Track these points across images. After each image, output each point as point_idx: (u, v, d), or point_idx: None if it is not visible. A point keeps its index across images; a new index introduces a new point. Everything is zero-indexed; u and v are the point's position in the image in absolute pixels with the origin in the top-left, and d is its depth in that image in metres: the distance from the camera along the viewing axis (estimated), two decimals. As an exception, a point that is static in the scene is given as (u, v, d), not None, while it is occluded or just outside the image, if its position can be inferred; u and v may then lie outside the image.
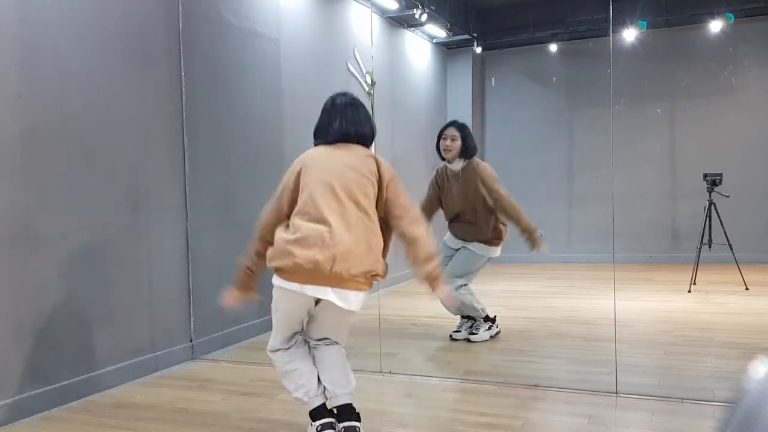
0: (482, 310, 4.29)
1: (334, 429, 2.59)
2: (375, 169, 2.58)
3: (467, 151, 4.24)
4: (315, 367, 2.66)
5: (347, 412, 2.60)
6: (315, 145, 2.70)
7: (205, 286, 4.25)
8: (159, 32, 3.94)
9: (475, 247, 4.27)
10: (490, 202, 4.18)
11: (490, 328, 4.34)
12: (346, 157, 2.58)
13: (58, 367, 3.25)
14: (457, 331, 4.36)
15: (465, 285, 4.24)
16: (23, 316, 3.09)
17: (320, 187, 2.50)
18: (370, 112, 2.66)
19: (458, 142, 4.21)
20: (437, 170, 4.44)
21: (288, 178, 2.61)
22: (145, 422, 3.00)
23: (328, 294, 2.45)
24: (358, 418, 2.61)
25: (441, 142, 4.26)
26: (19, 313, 3.07)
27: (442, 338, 4.42)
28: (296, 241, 2.44)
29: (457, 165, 4.26)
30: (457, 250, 4.35)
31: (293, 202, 2.56)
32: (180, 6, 4.08)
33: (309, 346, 2.71)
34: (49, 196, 3.23)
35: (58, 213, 3.27)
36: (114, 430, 2.92)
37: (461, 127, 4.27)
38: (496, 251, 4.30)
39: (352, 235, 2.44)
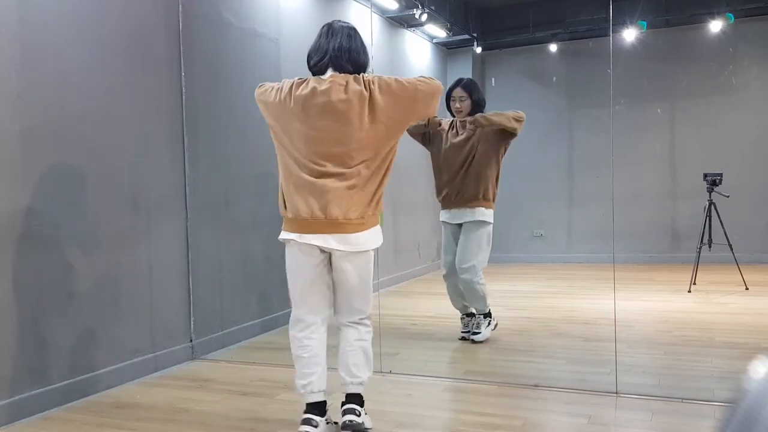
0: (488, 304, 4.29)
1: (312, 425, 2.59)
2: (364, 97, 2.51)
3: (477, 107, 4.25)
4: (324, 361, 2.66)
5: (352, 400, 2.64)
6: (311, 70, 2.69)
7: (205, 286, 4.25)
8: (159, 32, 3.94)
9: (480, 214, 4.17)
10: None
11: (489, 324, 4.33)
12: (331, 95, 2.52)
13: (58, 367, 3.25)
14: (465, 331, 4.33)
15: (480, 274, 4.19)
16: (23, 316, 3.09)
17: (307, 139, 2.57)
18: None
19: (467, 101, 4.23)
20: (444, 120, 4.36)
21: (274, 111, 2.73)
22: (145, 422, 3.00)
23: (328, 241, 2.48)
24: (360, 403, 2.63)
25: (450, 103, 4.28)
26: (19, 313, 3.07)
27: (442, 338, 4.42)
28: (292, 191, 2.55)
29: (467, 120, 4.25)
30: (460, 225, 4.25)
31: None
32: (180, 6, 4.08)
33: (323, 336, 2.68)
34: (49, 196, 3.23)
35: (58, 213, 3.27)
36: (114, 430, 2.92)
37: (467, 86, 4.27)
38: (492, 215, 4.27)
39: (341, 182, 2.47)
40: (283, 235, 2.61)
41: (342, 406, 2.67)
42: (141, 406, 3.25)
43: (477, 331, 4.25)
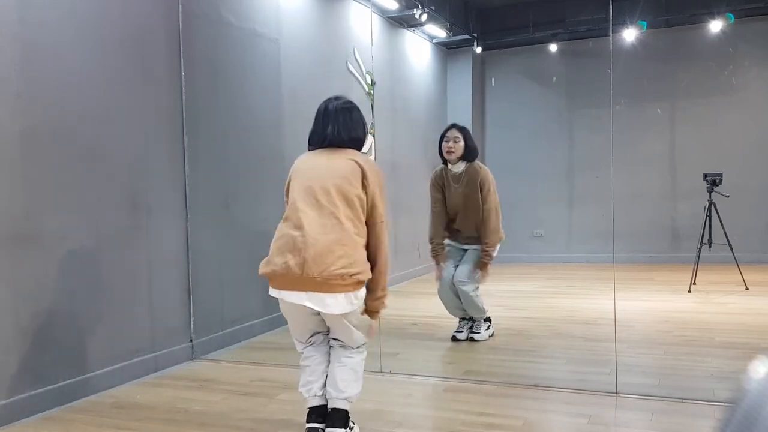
0: (486, 311, 4.33)
1: None
2: (359, 171, 2.56)
3: (470, 153, 4.26)
4: (327, 369, 2.68)
5: (335, 417, 2.61)
6: (309, 150, 2.73)
7: (205, 286, 4.25)
8: (159, 32, 3.94)
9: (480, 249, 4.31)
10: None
11: (488, 328, 4.38)
12: (329, 160, 2.59)
13: (58, 367, 3.25)
14: (459, 332, 4.37)
15: (478, 287, 4.28)
16: (23, 316, 3.09)
17: (301, 192, 2.54)
18: (370, 112, 2.65)
19: (461, 143, 4.23)
20: (435, 172, 4.43)
21: (285, 186, 2.70)
22: (145, 422, 3.00)
23: (302, 299, 2.46)
24: (343, 425, 2.60)
25: (443, 144, 4.27)
26: (18, 313, 3.07)
27: (442, 338, 4.42)
28: (276, 248, 2.52)
29: (459, 167, 4.27)
30: (465, 249, 4.37)
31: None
32: (180, 6, 4.08)
33: (324, 350, 2.72)
34: (49, 196, 3.23)
35: (58, 213, 3.27)
36: (114, 430, 2.92)
37: (463, 129, 4.29)
38: (496, 251, 4.34)
39: (327, 237, 2.45)
40: None
41: (325, 427, 2.62)
42: (141, 406, 3.25)
43: (476, 331, 4.31)
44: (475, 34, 7.51)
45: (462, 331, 4.36)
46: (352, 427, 2.69)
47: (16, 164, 3.07)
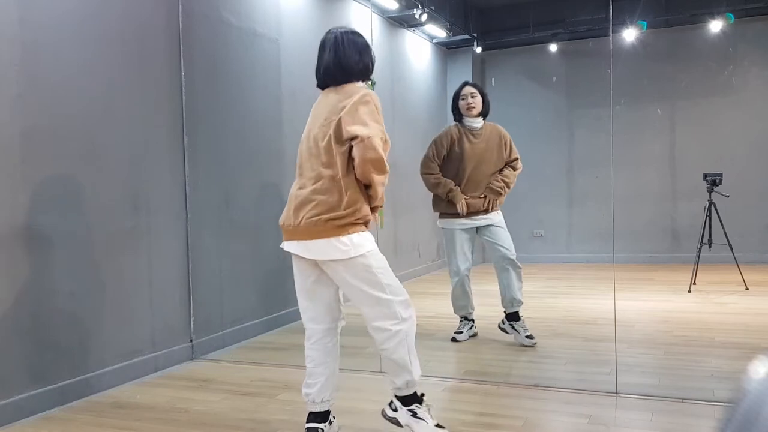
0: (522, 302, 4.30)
1: None
2: (339, 107, 2.50)
3: (488, 108, 4.27)
4: (328, 371, 2.64)
5: (400, 399, 2.63)
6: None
7: (205, 286, 4.25)
8: (159, 32, 3.93)
9: (499, 219, 4.24)
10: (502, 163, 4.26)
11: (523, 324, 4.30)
12: (317, 107, 2.65)
13: (58, 367, 3.25)
14: (459, 332, 4.35)
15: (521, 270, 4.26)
16: (23, 316, 3.09)
17: (301, 145, 2.64)
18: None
19: (479, 98, 4.21)
20: (445, 129, 4.30)
21: None
22: (145, 422, 3.00)
23: (294, 247, 2.53)
24: (405, 403, 2.60)
25: (461, 102, 4.22)
26: (19, 313, 3.07)
27: (442, 338, 4.42)
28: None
29: (478, 122, 4.25)
30: (476, 230, 4.27)
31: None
32: (180, 6, 4.08)
33: (327, 347, 2.66)
34: (49, 195, 3.23)
35: (58, 213, 3.27)
36: (114, 430, 2.92)
37: (476, 85, 4.29)
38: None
39: (305, 189, 2.51)
40: None
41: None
42: (141, 406, 3.25)
43: (529, 335, 4.19)
44: (475, 34, 7.51)
45: (462, 332, 4.35)
46: (332, 421, 2.69)
47: (16, 164, 3.07)
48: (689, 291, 5.74)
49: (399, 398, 2.62)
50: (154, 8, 3.90)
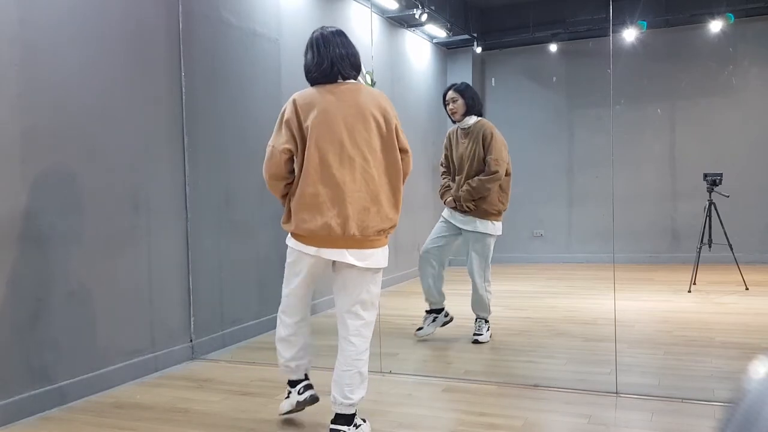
0: (490, 312, 4.33)
1: (312, 388, 2.82)
2: (384, 111, 2.56)
3: (471, 107, 4.31)
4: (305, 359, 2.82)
5: (338, 420, 2.61)
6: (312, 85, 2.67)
7: (205, 286, 4.25)
8: (159, 32, 3.93)
9: (484, 227, 4.23)
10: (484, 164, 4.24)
11: (488, 329, 4.35)
12: (343, 103, 2.54)
13: (58, 367, 3.25)
14: (420, 328, 4.40)
15: (490, 284, 4.28)
16: (23, 315, 3.09)
17: (326, 144, 2.51)
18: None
19: (459, 101, 4.30)
20: (449, 131, 4.53)
21: (292, 126, 2.62)
22: (145, 422, 3.00)
23: (344, 256, 2.48)
24: (347, 422, 2.60)
25: (446, 108, 4.40)
26: (18, 312, 3.07)
27: (441, 338, 4.42)
28: (307, 205, 2.49)
29: (468, 122, 4.33)
30: (460, 231, 4.31)
31: (301, 157, 2.56)
32: (180, 6, 4.08)
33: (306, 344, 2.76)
34: (49, 196, 3.23)
35: (58, 213, 3.27)
36: (114, 430, 2.92)
37: (459, 89, 4.35)
38: (500, 228, 4.32)
39: (361, 194, 2.47)
40: None
41: (331, 424, 2.63)
42: (141, 406, 3.25)
43: (479, 332, 4.28)
44: (475, 34, 7.50)
45: (422, 327, 4.38)
46: (359, 425, 2.67)
47: (17, 164, 3.07)
48: (689, 291, 5.74)
49: (343, 416, 2.60)
50: (154, 8, 3.90)
